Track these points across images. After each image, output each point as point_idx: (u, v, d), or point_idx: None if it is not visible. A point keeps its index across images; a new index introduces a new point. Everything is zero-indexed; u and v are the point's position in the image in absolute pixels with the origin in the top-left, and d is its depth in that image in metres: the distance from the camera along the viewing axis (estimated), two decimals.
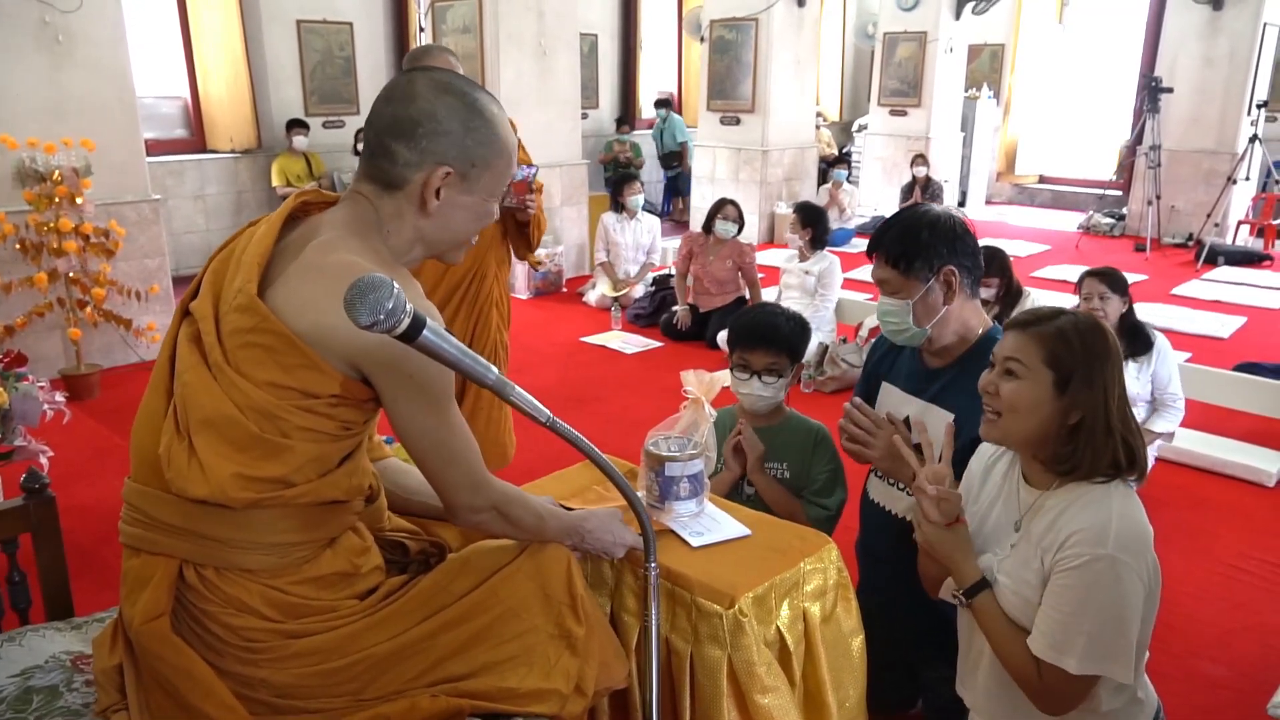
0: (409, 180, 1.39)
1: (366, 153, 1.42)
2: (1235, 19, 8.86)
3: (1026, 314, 1.65)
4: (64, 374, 4.89)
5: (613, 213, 6.97)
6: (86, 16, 4.88)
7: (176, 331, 1.41)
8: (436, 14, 7.10)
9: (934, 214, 1.99)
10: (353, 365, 1.34)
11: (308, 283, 1.33)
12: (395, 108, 1.38)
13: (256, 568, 1.38)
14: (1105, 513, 1.52)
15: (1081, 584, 1.49)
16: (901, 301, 1.98)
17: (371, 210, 1.42)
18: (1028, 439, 1.61)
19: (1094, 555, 1.49)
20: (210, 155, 8.16)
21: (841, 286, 5.70)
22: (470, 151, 1.40)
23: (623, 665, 1.63)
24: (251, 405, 1.31)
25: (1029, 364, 1.57)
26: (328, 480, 1.38)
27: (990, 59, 12.08)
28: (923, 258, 1.95)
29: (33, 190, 4.61)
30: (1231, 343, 6.06)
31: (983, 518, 1.74)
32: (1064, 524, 1.54)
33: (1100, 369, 1.55)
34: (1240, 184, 8.83)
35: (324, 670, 1.39)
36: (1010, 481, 1.72)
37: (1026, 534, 1.61)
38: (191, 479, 1.31)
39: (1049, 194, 12.18)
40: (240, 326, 1.32)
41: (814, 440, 2.36)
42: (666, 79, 12.22)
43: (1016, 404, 1.58)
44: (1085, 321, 1.59)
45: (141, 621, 1.36)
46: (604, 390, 5.12)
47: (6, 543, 1.79)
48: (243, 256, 1.39)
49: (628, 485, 1.47)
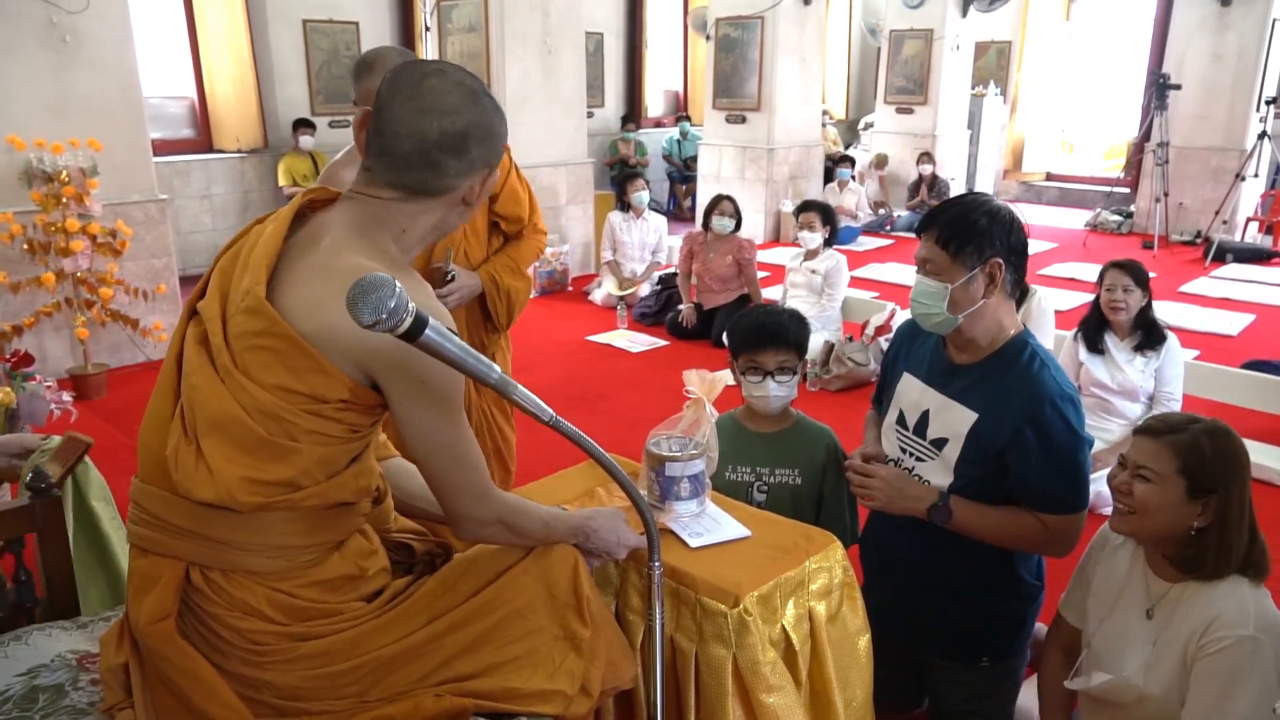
0: (455, 189, 1.41)
1: (400, 164, 1.37)
2: (1244, 15, 8.81)
3: (1162, 422, 1.76)
4: (71, 373, 4.91)
5: (619, 211, 6.98)
6: (93, 17, 4.89)
7: (184, 332, 1.40)
8: (442, 13, 7.10)
9: (994, 204, 1.95)
10: (361, 369, 1.33)
11: (317, 285, 1.32)
12: (441, 121, 1.35)
13: (263, 570, 1.37)
14: (1241, 599, 1.64)
15: (1229, 666, 1.60)
16: (940, 284, 1.92)
17: (383, 211, 1.39)
18: (1156, 537, 1.74)
19: (1237, 638, 1.59)
20: (217, 155, 8.17)
21: (848, 285, 5.69)
22: (499, 147, 1.44)
23: (630, 665, 1.63)
24: (259, 408, 1.30)
25: (1161, 471, 1.69)
26: (335, 482, 1.38)
27: (997, 56, 12.04)
28: (974, 244, 1.89)
29: (40, 190, 4.62)
30: (1240, 340, 6.03)
31: (1110, 604, 1.85)
32: (1202, 613, 1.66)
33: (1229, 477, 1.67)
34: (1249, 181, 8.79)
35: (329, 673, 1.38)
36: (1137, 570, 1.82)
37: (1169, 630, 1.72)
38: (199, 481, 1.31)
39: (1056, 191, 12.13)
40: (248, 329, 1.31)
41: (825, 454, 2.32)
42: (672, 77, 12.22)
43: (1148, 506, 1.70)
44: (1219, 430, 1.70)
45: (147, 622, 1.36)
46: (609, 389, 5.12)
47: (12, 542, 1.79)
48: (250, 257, 1.37)
49: (631, 484, 1.46)
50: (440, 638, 1.44)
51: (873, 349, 5.10)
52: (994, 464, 1.92)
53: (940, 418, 2.01)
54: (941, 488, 1.99)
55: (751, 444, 2.33)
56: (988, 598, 2.06)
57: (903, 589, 2.14)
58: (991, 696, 2.17)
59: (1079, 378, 3.74)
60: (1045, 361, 1.93)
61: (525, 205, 2.72)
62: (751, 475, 2.31)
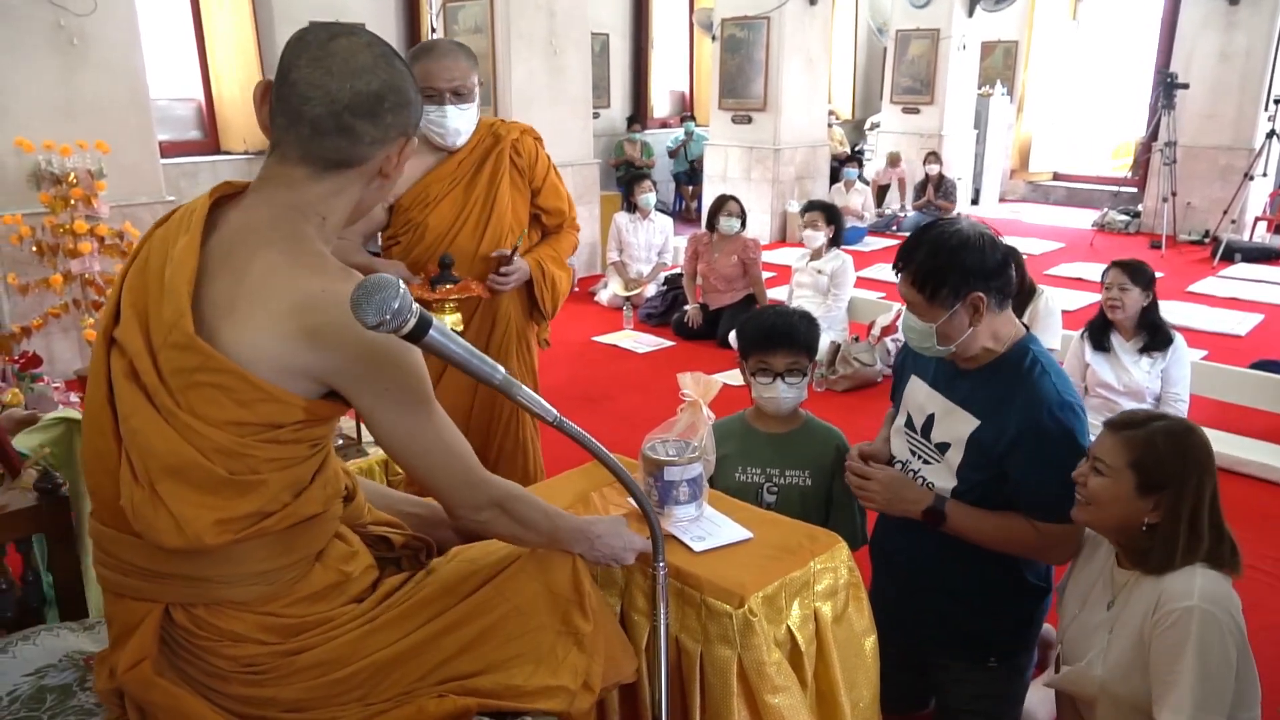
0: (370, 157, 1.30)
1: (307, 131, 1.25)
2: (1252, 13, 8.77)
3: (1125, 416, 1.80)
4: (79, 375, 4.91)
5: (625, 212, 6.97)
6: (101, 19, 4.90)
7: (106, 363, 1.28)
8: (448, 14, 7.11)
9: (963, 234, 1.90)
10: (314, 380, 1.25)
11: (247, 305, 1.22)
12: (354, 82, 1.24)
13: (248, 599, 1.32)
14: (1187, 576, 1.67)
15: (1177, 637, 1.62)
16: (925, 324, 1.92)
17: (298, 198, 1.28)
18: (1109, 528, 1.79)
19: (1183, 609, 1.62)
20: (224, 157, 8.18)
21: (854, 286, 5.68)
22: (415, 114, 1.34)
23: (630, 660, 1.62)
24: (215, 448, 1.21)
25: (1114, 464, 1.72)
26: (303, 499, 1.32)
27: (1003, 56, 12.01)
28: (949, 285, 1.87)
29: (48, 192, 4.64)
30: (1248, 340, 6.01)
31: (1084, 598, 1.88)
32: (1150, 596, 1.70)
33: (1183, 476, 1.68)
34: (1257, 180, 8.76)
35: (329, 681, 1.37)
36: (1108, 564, 1.86)
37: (1123, 615, 1.75)
38: (163, 530, 1.22)
39: (1063, 191, 12.10)
40: (184, 366, 1.21)
41: (835, 455, 2.31)
42: (678, 78, 12.21)
43: (1100, 497, 1.74)
44: (1176, 428, 1.73)
45: (124, 670, 1.31)
46: (614, 389, 5.12)
47: (20, 542, 1.80)
48: (168, 278, 1.24)
49: (636, 485, 1.46)
50: (439, 637, 1.43)
51: (879, 349, 5.09)
52: (995, 470, 1.92)
53: (944, 422, 2.01)
54: (941, 491, 1.99)
55: (761, 445, 2.33)
56: (995, 599, 2.05)
57: (910, 590, 2.13)
58: (999, 697, 2.16)
59: (1085, 379, 3.73)
60: (1046, 368, 1.92)
61: (565, 199, 2.78)
62: (761, 476, 2.31)
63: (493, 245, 2.59)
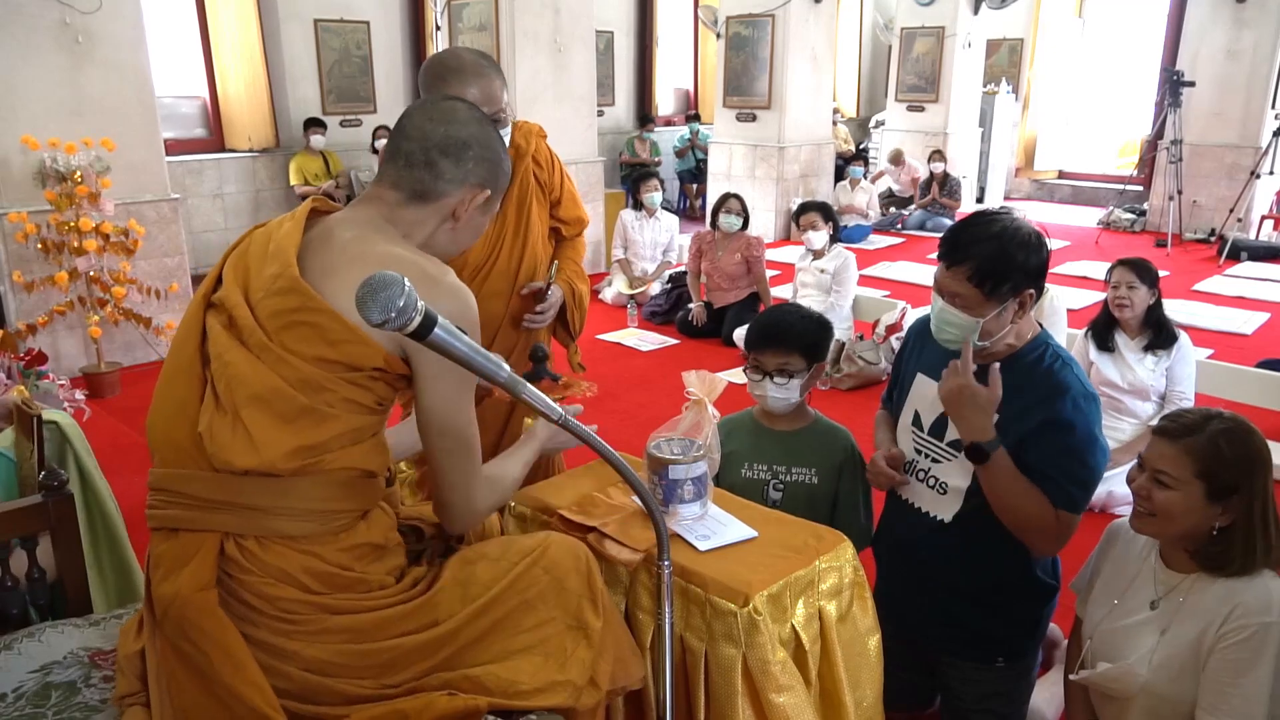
0: (446, 195, 1.49)
1: (402, 162, 1.49)
2: (1259, 11, 8.74)
3: (1177, 422, 1.72)
4: (84, 372, 4.94)
5: (631, 210, 6.97)
6: (106, 17, 4.91)
7: (200, 322, 1.46)
8: (453, 12, 7.11)
9: (1024, 232, 1.84)
10: (395, 341, 1.40)
11: (346, 268, 1.40)
12: (447, 128, 1.48)
13: (298, 534, 1.42)
14: (1264, 588, 1.63)
15: (1248, 653, 1.60)
16: (971, 319, 1.87)
17: (389, 213, 1.49)
18: (1175, 537, 1.73)
19: (1261, 624, 1.59)
20: (229, 154, 8.21)
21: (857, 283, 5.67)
22: (500, 181, 1.55)
23: (639, 665, 1.63)
24: (300, 379, 1.38)
25: (1180, 476, 1.67)
26: (359, 449, 1.45)
27: (1009, 54, 11.98)
28: (1011, 282, 1.83)
29: (54, 190, 4.65)
30: (1254, 339, 5.98)
31: (1118, 595, 1.85)
32: (1220, 604, 1.65)
33: (1250, 476, 1.65)
34: (1264, 178, 8.72)
35: (354, 650, 1.42)
36: (1149, 561, 1.81)
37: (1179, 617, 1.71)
38: (238, 452, 1.37)
39: (1069, 189, 12.07)
40: (283, 308, 1.39)
41: (843, 454, 2.31)
42: (683, 76, 12.21)
43: (1169, 510, 1.69)
44: (1237, 429, 1.68)
45: (191, 591, 1.37)
46: (619, 387, 5.12)
47: (25, 540, 1.80)
48: (269, 248, 1.45)
49: (641, 484, 1.46)
50: (455, 632, 1.47)
51: (884, 348, 5.09)
52: None
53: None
54: (955, 489, 1.98)
55: (768, 442, 2.33)
56: (1005, 598, 2.05)
57: (918, 589, 2.13)
58: (1006, 696, 2.15)
59: (1090, 377, 3.72)
60: (1066, 360, 1.93)
61: (580, 205, 2.77)
62: (768, 473, 2.31)
63: (529, 272, 2.52)
